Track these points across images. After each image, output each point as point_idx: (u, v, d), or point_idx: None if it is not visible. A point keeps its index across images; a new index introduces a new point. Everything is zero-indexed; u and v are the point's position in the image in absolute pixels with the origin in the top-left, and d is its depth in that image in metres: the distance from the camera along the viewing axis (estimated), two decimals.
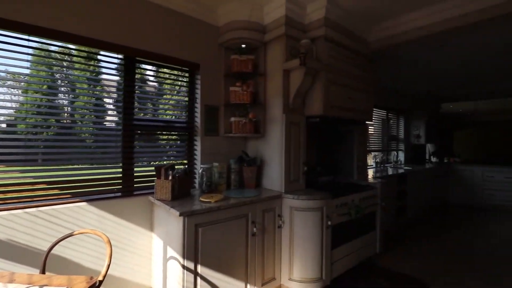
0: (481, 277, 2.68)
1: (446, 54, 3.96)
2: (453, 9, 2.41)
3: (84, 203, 1.90)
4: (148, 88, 2.43)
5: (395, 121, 5.94)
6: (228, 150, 2.61)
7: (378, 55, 3.26)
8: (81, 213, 1.88)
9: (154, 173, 2.04)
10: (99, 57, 2.09)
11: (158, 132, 2.37)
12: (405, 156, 6.05)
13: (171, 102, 2.59)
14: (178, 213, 1.68)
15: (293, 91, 2.38)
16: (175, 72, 2.47)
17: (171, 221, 1.86)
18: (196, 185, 2.45)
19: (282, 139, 2.36)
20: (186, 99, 2.51)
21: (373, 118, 5.15)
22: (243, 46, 2.55)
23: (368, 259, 2.91)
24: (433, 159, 6.58)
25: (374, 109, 5.15)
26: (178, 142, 2.49)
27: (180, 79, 2.50)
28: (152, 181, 2.16)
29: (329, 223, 2.29)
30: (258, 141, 2.61)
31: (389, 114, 5.71)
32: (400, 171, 4.57)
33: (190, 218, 1.73)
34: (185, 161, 2.48)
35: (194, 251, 1.76)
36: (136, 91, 2.23)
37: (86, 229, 1.53)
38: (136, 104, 2.25)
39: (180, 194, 2.03)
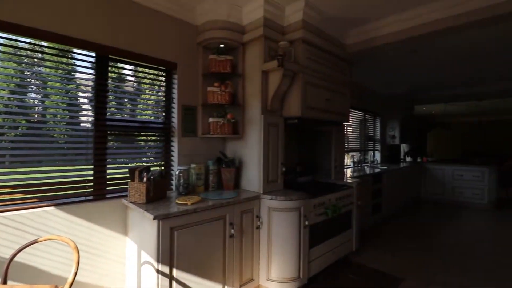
0: (448, 269, 2.83)
1: (418, 58, 4.15)
2: (424, 16, 2.52)
3: (52, 208, 1.80)
4: (126, 88, 2.36)
5: (372, 122, 6.14)
6: (206, 151, 2.59)
7: (355, 58, 3.35)
8: (48, 218, 1.78)
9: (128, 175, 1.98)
10: (72, 54, 2.00)
11: (135, 133, 2.30)
12: (381, 156, 6.27)
13: (149, 102, 2.52)
14: (152, 216, 1.64)
15: (271, 92, 2.40)
16: (152, 71, 2.40)
17: (145, 225, 1.81)
18: (173, 187, 2.40)
19: (261, 140, 2.37)
20: (164, 99, 2.45)
21: (352, 119, 5.30)
22: (222, 46, 2.53)
23: (345, 256, 2.98)
24: (408, 159, 6.87)
25: (352, 110, 5.29)
26: (155, 143, 2.43)
27: (157, 78, 2.44)
28: (127, 183, 2.09)
29: (307, 222, 2.32)
30: (237, 142, 2.60)
31: (367, 115, 5.90)
32: (377, 170, 4.73)
33: (165, 221, 1.69)
34: (162, 163, 2.42)
35: (170, 254, 1.72)
36: (111, 91, 2.15)
37: (52, 235, 1.46)
38: (111, 103, 2.17)
39: (155, 197, 1.99)
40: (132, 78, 2.40)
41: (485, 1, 2.20)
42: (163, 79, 2.44)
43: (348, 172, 4.38)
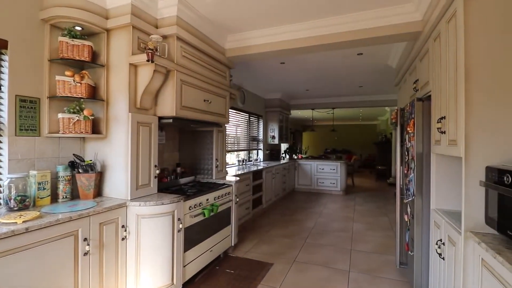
0: (307, 248, 3.38)
1: (287, 70, 4.78)
2: (287, 34, 2.89)
3: None
4: None
5: (256, 124, 6.67)
6: (56, 154, 2.12)
7: (236, 63, 3.52)
8: None
9: None
10: None
11: None
12: (263, 154, 6.90)
13: None
14: None
15: (141, 88, 2.19)
16: None
17: None
18: (1, 201, 1.84)
19: (128, 140, 2.13)
20: None
21: (239, 120, 5.59)
22: (78, 28, 2.13)
23: (225, 252, 3.09)
24: (286, 156, 7.85)
25: (238, 112, 5.59)
26: None
27: None
28: None
29: (181, 226, 2.25)
30: (99, 143, 2.25)
31: (251, 117, 6.36)
32: (259, 167, 5.17)
33: None
34: None
35: None
36: None
37: None
38: None
39: None
40: None
41: (328, 28, 2.72)
42: None
43: (233, 170, 4.58)
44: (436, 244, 1.87)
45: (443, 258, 1.78)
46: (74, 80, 2.03)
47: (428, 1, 2.07)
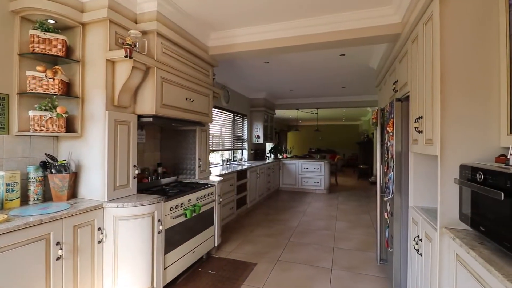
0: (291, 247, 3.39)
1: (271, 69, 4.79)
2: (271, 33, 2.88)
3: None
4: None
5: (240, 123, 6.64)
6: (26, 154, 2.00)
7: (220, 61, 3.48)
8: None
9: None
10: None
11: None
12: (248, 154, 6.88)
13: None
14: None
15: (119, 85, 2.11)
16: None
17: None
18: None
19: (105, 139, 2.05)
20: None
21: (223, 120, 5.54)
22: (51, 21, 2.02)
23: (208, 253, 3.05)
24: (271, 156, 7.87)
25: (222, 111, 5.53)
26: None
27: None
28: None
29: (161, 227, 2.19)
30: (74, 142, 2.15)
31: (236, 116, 6.32)
32: (244, 167, 5.14)
33: None
34: None
35: None
36: None
37: None
38: None
39: None
40: None
41: (304, 29, 2.73)
42: None
43: (217, 170, 4.53)
44: (414, 240, 1.92)
45: (421, 254, 1.83)
46: (46, 76, 1.92)
47: (406, 4, 2.12)
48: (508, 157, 1.16)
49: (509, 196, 1.02)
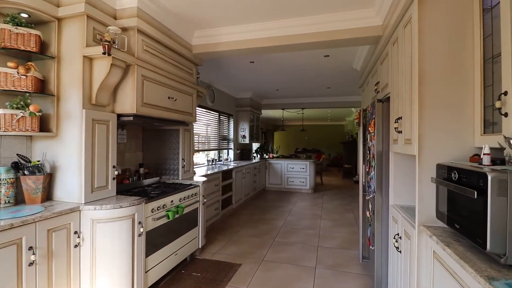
0: (276, 247, 3.40)
1: (256, 69, 4.78)
2: (255, 32, 2.87)
3: None
4: None
5: (226, 123, 6.59)
6: None
7: (205, 60, 3.43)
8: None
9: None
10: None
11: None
12: (234, 153, 6.85)
13: None
14: None
15: (97, 83, 2.04)
16: None
17: None
18: None
19: (82, 139, 1.96)
20: None
21: (208, 119, 5.48)
22: (24, 15, 1.92)
23: (191, 255, 3.00)
24: (257, 156, 7.86)
25: (208, 111, 5.47)
26: None
27: None
28: None
29: (142, 230, 2.13)
30: (49, 142, 2.05)
31: (221, 116, 6.27)
32: (229, 167, 5.10)
33: None
34: None
35: None
36: None
37: None
38: None
39: None
40: None
41: (292, 29, 2.74)
42: None
43: (202, 170, 4.47)
44: (394, 238, 1.97)
45: (400, 252, 1.87)
46: (18, 72, 1.82)
47: (387, 6, 2.17)
48: (482, 157, 1.20)
49: (481, 195, 1.06)
